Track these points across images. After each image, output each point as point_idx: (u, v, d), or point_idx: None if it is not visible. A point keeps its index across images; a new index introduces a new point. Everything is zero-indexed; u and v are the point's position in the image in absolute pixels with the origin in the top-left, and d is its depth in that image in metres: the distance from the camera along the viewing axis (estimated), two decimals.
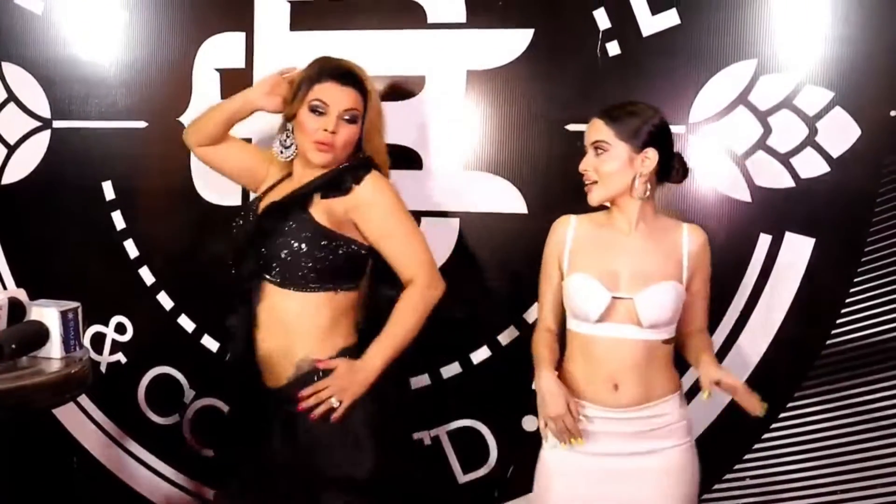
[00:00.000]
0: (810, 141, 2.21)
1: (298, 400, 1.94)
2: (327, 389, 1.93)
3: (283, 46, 2.51)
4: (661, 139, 1.91)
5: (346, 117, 2.02)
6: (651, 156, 1.88)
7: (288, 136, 2.09)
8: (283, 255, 1.97)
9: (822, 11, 2.19)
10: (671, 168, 1.94)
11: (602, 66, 2.30)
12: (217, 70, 2.57)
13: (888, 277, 2.20)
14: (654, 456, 1.90)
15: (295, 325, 1.99)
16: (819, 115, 2.20)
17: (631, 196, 1.91)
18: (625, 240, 1.94)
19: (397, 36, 2.42)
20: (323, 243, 1.96)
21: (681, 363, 2.00)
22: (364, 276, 2.08)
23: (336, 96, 2.02)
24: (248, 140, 2.44)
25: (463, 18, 2.37)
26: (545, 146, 2.35)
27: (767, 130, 2.23)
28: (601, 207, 1.99)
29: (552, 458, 1.96)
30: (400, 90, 2.42)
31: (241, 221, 2.12)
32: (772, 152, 2.23)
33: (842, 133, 2.19)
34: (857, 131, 2.18)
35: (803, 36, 2.20)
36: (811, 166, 2.21)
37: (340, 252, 1.98)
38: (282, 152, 2.10)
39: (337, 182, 2.00)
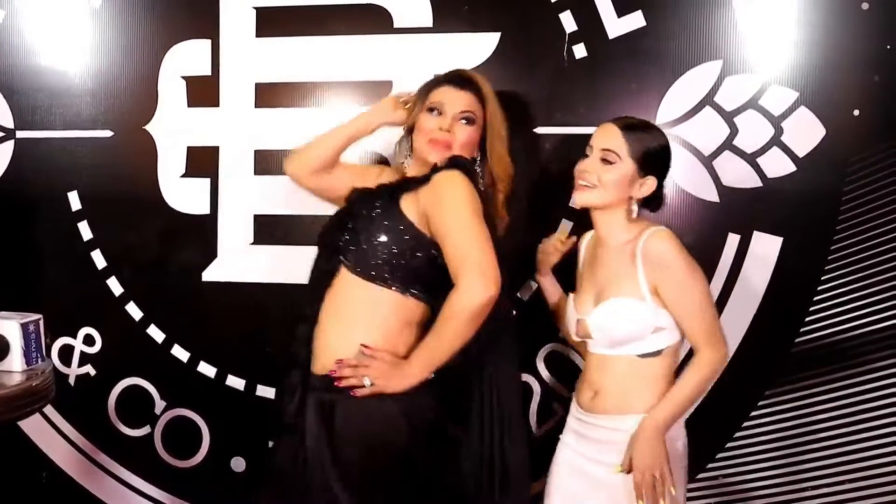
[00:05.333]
0: (776, 141, 2.23)
1: (333, 372, 1.88)
2: (368, 369, 1.87)
3: (249, 53, 2.50)
4: (662, 170, 1.91)
5: (463, 119, 2.01)
6: (650, 184, 1.88)
7: (409, 148, 2.08)
8: (361, 240, 1.92)
9: (786, 13, 2.21)
10: (655, 198, 1.93)
11: (569, 69, 2.30)
12: (183, 77, 2.55)
13: (855, 275, 2.22)
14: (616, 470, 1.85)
15: (357, 315, 1.92)
16: (784, 115, 2.22)
17: (627, 216, 1.90)
18: (602, 256, 1.94)
19: (364, 41, 2.42)
20: (405, 237, 1.90)
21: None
22: (439, 293, 1.91)
23: (452, 98, 2.02)
24: None
25: (429, 23, 2.37)
26: (514, 149, 2.34)
27: (734, 131, 2.24)
28: (586, 213, 1.97)
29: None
30: (367, 96, 2.41)
31: (341, 208, 2.07)
32: (738, 152, 2.25)
33: (807, 133, 2.21)
34: (822, 131, 2.20)
35: (768, 37, 2.22)
36: (777, 166, 2.23)
37: (419, 254, 1.90)
38: (405, 162, 2.09)
39: (426, 177, 1.96)
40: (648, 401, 1.84)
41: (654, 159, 1.89)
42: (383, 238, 1.91)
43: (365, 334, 1.91)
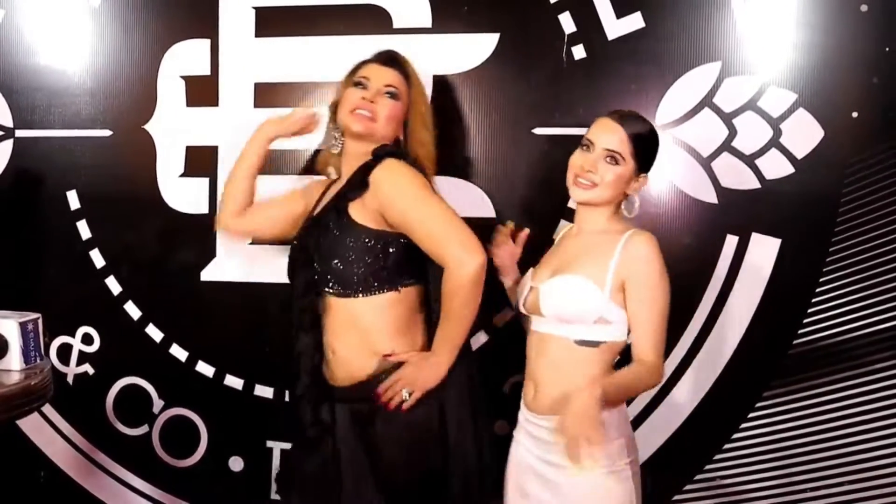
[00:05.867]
0: (775, 142, 2.23)
1: (374, 397, 1.89)
2: (399, 382, 1.88)
3: (248, 53, 2.50)
4: (650, 166, 1.93)
5: (387, 92, 2.00)
6: (642, 181, 1.91)
7: (336, 128, 2.08)
8: (333, 267, 1.93)
9: (785, 15, 2.21)
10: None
11: (568, 70, 2.30)
12: (182, 77, 2.55)
13: (853, 277, 2.22)
14: (563, 472, 1.81)
15: (363, 327, 1.93)
16: (783, 117, 2.22)
17: (618, 212, 1.91)
18: (574, 240, 1.95)
19: (363, 41, 2.41)
20: (370, 245, 1.90)
21: None
22: (427, 268, 1.95)
23: (378, 73, 2.03)
24: None
25: (428, 23, 2.37)
26: (512, 150, 2.35)
27: (732, 132, 2.24)
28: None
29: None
30: None
31: (295, 242, 2.07)
32: (737, 154, 2.25)
33: (806, 134, 2.21)
34: (820, 132, 2.20)
35: (767, 38, 2.23)
36: (776, 167, 2.23)
37: (391, 250, 1.91)
38: (334, 144, 2.10)
39: (360, 177, 1.94)
40: None
41: (650, 159, 1.91)
42: (353, 255, 1.92)
43: (379, 341, 1.93)
